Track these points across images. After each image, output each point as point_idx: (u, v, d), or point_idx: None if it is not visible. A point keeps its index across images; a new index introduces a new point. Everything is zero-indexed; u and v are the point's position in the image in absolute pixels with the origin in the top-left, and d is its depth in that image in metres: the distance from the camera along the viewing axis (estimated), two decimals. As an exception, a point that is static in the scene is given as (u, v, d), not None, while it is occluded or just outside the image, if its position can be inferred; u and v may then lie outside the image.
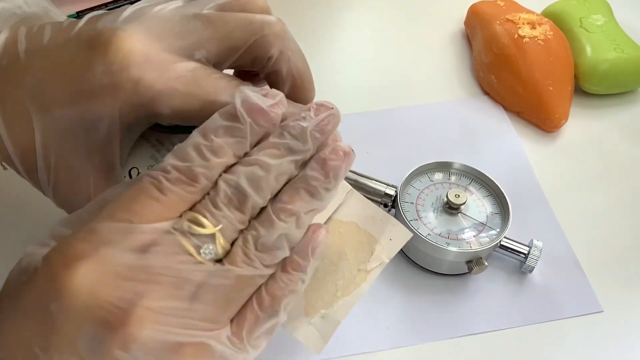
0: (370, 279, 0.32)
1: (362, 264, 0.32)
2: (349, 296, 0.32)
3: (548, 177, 0.49)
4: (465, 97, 0.55)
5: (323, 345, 0.31)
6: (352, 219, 0.33)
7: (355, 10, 0.64)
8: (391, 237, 0.33)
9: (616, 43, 0.54)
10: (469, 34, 0.60)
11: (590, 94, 0.55)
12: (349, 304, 0.32)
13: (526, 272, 0.43)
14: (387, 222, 0.33)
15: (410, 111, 0.54)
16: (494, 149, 0.51)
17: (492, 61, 0.54)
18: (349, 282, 0.32)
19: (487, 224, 0.42)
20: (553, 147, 0.52)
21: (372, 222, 0.33)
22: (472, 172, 0.45)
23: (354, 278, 0.32)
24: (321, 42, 0.60)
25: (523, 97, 0.53)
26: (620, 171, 0.50)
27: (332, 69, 0.58)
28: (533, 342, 0.40)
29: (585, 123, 0.54)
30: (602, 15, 0.56)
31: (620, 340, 0.40)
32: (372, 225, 0.33)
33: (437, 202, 0.43)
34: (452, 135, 0.52)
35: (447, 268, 0.42)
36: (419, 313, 0.41)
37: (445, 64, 0.58)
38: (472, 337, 0.40)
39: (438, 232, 0.42)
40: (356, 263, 0.32)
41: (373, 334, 0.40)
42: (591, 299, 0.42)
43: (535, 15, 0.56)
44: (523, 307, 0.41)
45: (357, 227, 0.33)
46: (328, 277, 0.32)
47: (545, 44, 0.53)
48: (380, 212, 0.33)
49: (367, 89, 0.56)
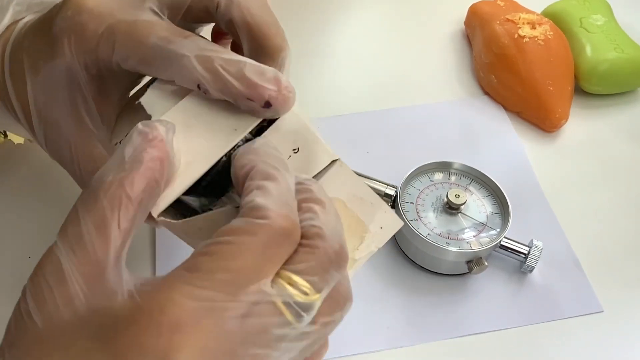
0: (356, 267, 0.30)
1: (351, 252, 0.29)
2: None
3: (548, 177, 0.49)
4: (465, 97, 0.55)
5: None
6: (338, 195, 0.30)
7: (355, 10, 0.64)
8: (382, 225, 0.30)
9: (616, 43, 0.54)
10: (469, 34, 0.60)
11: (590, 94, 0.55)
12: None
13: (526, 272, 0.43)
14: (378, 207, 0.30)
15: (410, 111, 0.54)
16: (494, 149, 0.51)
17: (492, 61, 0.54)
18: None
19: (487, 224, 0.42)
20: (553, 147, 0.52)
21: (361, 204, 0.30)
22: (472, 172, 0.45)
23: None
24: (321, 42, 0.60)
25: (523, 97, 0.53)
26: (620, 171, 0.50)
27: (332, 69, 0.58)
28: (533, 342, 0.40)
29: (585, 123, 0.54)
30: (602, 15, 0.56)
31: (620, 340, 0.40)
32: (361, 208, 0.30)
33: (437, 202, 0.43)
34: (452, 135, 0.52)
35: (447, 268, 0.42)
36: (419, 313, 0.41)
37: (445, 64, 0.58)
38: (472, 337, 0.40)
39: (438, 232, 0.42)
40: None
41: (373, 334, 0.40)
42: (591, 299, 0.42)
43: (535, 15, 0.56)
44: (523, 307, 0.41)
45: (344, 206, 0.30)
46: None
47: (545, 44, 0.53)
48: (370, 194, 0.31)
49: (367, 89, 0.56)
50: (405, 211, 0.42)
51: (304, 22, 0.61)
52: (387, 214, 0.30)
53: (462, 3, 0.61)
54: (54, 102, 0.31)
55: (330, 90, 0.55)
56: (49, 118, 0.31)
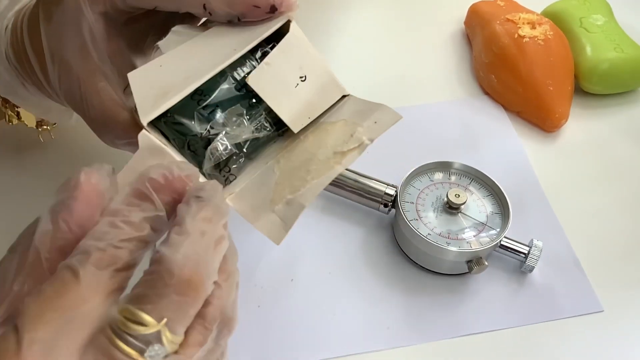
0: (345, 162, 0.29)
1: (339, 147, 0.29)
2: (319, 179, 0.28)
3: (548, 177, 0.49)
4: (465, 97, 0.55)
5: (284, 233, 0.28)
6: (341, 117, 0.30)
7: (355, 10, 0.64)
8: (377, 119, 0.29)
9: (616, 43, 0.54)
10: (469, 34, 0.60)
11: (590, 94, 0.55)
12: (317, 186, 0.28)
13: (526, 272, 0.43)
14: (376, 108, 0.30)
15: (410, 111, 0.54)
16: (494, 148, 0.51)
17: (492, 61, 0.54)
18: (321, 165, 0.29)
19: (487, 224, 0.42)
20: (553, 147, 0.52)
21: (361, 114, 0.30)
22: (472, 172, 0.45)
23: (328, 160, 0.29)
24: (321, 42, 0.60)
25: (523, 97, 0.53)
26: (620, 171, 0.50)
27: (332, 69, 0.58)
28: (533, 342, 0.40)
29: (585, 123, 0.54)
30: (602, 15, 0.56)
31: (620, 340, 0.40)
32: (360, 116, 0.30)
33: (437, 202, 0.43)
34: (452, 135, 0.52)
35: (447, 268, 0.42)
36: (419, 313, 0.41)
37: (445, 64, 0.58)
38: (472, 337, 0.40)
39: (438, 232, 0.42)
40: (333, 147, 0.29)
41: (373, 334, 0.40)
42: (591, 299, 0.42)
43: (535, 15, 0.56)
44: (523, 307, 0.41)
45: (345, 122, 0.30)
46: (302, 166, 0.29)
47: (545, 44, 0.53)
48: (372, 103, 0.30)
49: (367, 88, 0.56)
50: (405, 211, 0.42)
51: (304, 22, 0.61)
52: (384, 110, 0.29)
53: (462, 3, 0.61)
54: (65, 42, 0.32)
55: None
56: (61, 58, 0.32)
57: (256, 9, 0.28)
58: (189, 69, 0.29)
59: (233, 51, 0.29)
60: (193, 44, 0.30)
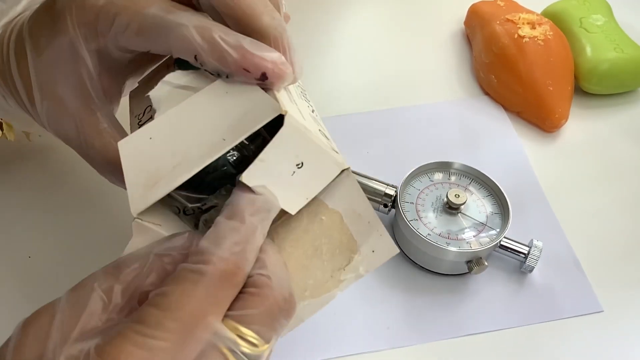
0: (342, 287, 0.29)
1: (336, 272, 0.29)
2: (317, 299, 0.29)
3: (548, 177, 0.49)
4: (465, 97, 0.55)
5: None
6: (337, 208, 0.29)
7: (355, 10, 0.64)
8: (375, 248, 0.29)
9: (616, 43, 0.54)
10: (469, 34, 0.60)
11: (590, 94, 0.55)
12: (316, 305, 0.29)
13: (526, 272, 0.43)
14: (374, 228, 0.29)
15: (410, 111, 0.54)
16: (493, 148, 0.51)
17: (492, 61, 0.54)
18: (319, 285, 0.29)
19: (487, 224, 0.42)
20: (553, 147, 0.52)
21: (357, 221, 0.29)
22: (472, 172, 0.45)
23: (325, 282, 0.29)
24: (321, 41, 0.60)
25: (523, 97, 0.53)
26: (620, 171, 0.50)
27: (332, 69, 0.58)
28: (533, 342, 0.40)
29: (585, 123, 0.54)
30: (602, 15, 0.56)
31: (620, 340, 0.40)
32: (356, 226, 0.29)
33: (437, 202, 0.43)
34: (452, 135, 0.52)
35: (447, 268, 0.42)
36: (419, 313, 0.41)
37: (445, 64, 0.58)
38: (472, 337, 0.40)
39: (438, 232, 0.42)
40: (330, 268, 0.29)
41: (373, 334, 0.40)
42: (591, 299, 0.42)
43: (535, 15, 0.56)
44: (523, 307, 0.41)
45: (341, 220, 0.29)
46: (299, 273, 0.29)
47: (545, 44, 0.53)
48: (370, 212, 0.29)
49: (367, 88, 0.56)
50: (405, 211, 0.42)
51: (304, 22, 0.61)
52: (382, 238, 0.29)
53: (462, 3, 0.61)
54: (58, 78, 0.31)
55: (330, 90, 0.55)
56: (53, 94, 0.31)
57: (246, 72, 0.27)
58: (177, 150, 0.28)
59: (222, 141, 0.28)
60: (182, 112, 0.28)
